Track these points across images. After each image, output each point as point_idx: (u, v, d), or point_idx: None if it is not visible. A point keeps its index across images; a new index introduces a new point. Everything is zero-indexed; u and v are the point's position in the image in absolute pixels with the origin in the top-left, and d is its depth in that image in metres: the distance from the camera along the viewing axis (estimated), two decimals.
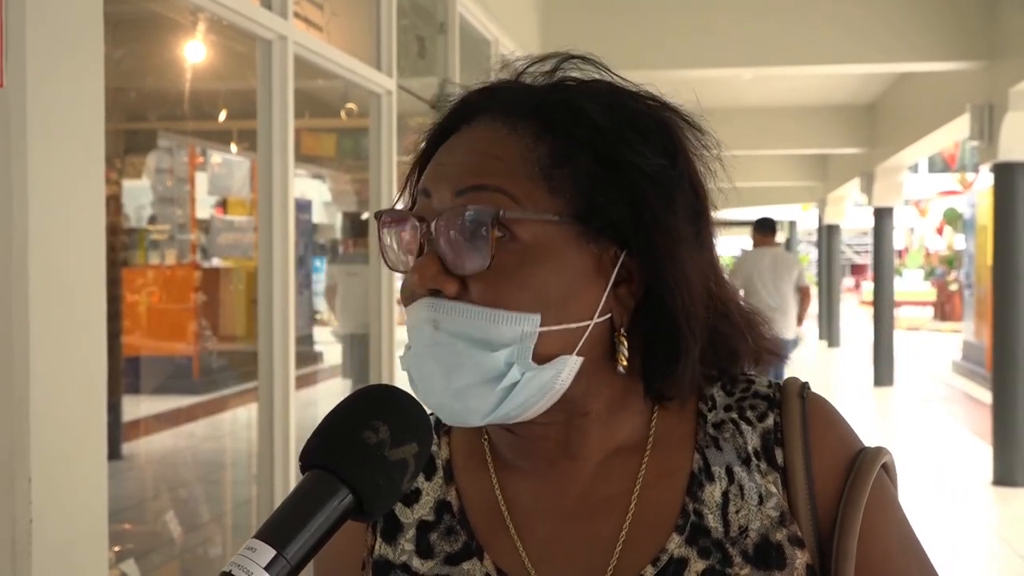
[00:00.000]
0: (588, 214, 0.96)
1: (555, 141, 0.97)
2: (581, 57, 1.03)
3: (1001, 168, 8.61)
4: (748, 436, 1.01)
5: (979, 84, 8.71)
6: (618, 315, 0.98)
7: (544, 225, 0.94)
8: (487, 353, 0.92)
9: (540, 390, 0.94)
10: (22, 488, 2.17)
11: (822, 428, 1.01)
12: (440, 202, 0.96)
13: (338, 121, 8.98)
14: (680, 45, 8.21)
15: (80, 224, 2.39)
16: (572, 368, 0.95)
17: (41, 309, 2.22)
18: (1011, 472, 8.53)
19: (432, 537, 1.04)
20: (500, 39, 7.14)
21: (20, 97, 2.17)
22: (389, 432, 0.82)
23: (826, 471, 0.99)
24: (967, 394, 14.25)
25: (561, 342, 0.94)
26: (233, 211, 12.86)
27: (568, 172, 0.96)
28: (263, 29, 3.81)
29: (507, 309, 0.93)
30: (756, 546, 0.97)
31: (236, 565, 0.74)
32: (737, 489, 0.99)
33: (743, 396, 1.03)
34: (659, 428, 1.03)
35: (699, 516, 0.98)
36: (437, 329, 0.93)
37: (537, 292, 0.93)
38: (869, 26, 8.29)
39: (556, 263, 0.95)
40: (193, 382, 10.16)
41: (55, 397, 2.28)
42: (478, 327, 0.93)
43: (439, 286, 0.94)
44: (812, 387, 1.06)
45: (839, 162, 17.87)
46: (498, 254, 0.93)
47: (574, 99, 0.99)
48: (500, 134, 0.98)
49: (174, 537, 6.37)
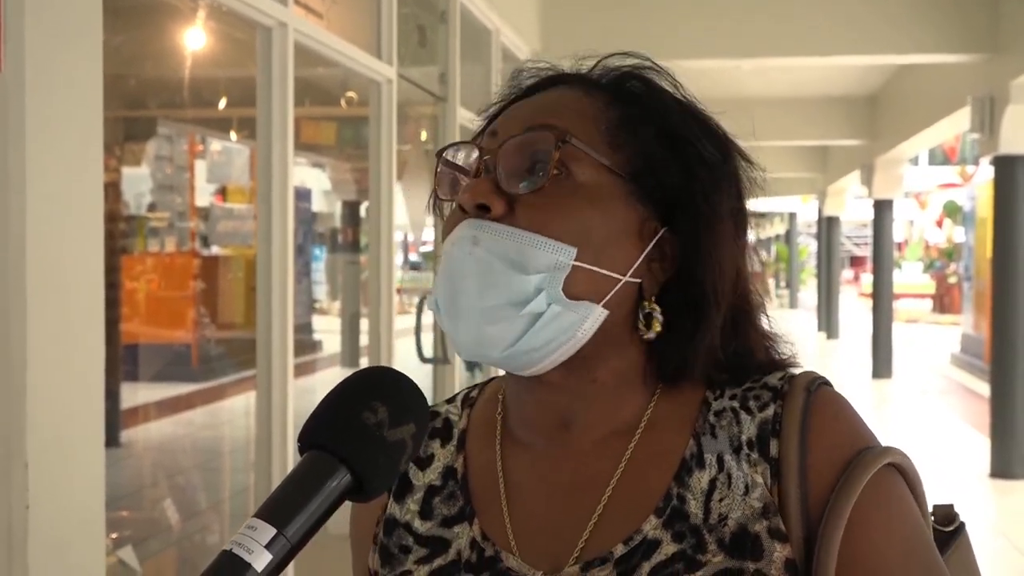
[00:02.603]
0: (643, 176, 1.01)
1: (625, 109, 1.03)
2: (658, 67, 1.09)
3: (1001, 161, 8.60)
4: (745, 425, 1.00)
5: (980, 76, 8.70)
6: (648, 284, 1.01)
7: (600, 170, 0.99)
8: (519, 275, 0.95)
9: (562, 333, 0.96)
10: (19, 474, 2.17)
11: (823, 422, 0.98)
12: (506, 136, 1.01)
13: (338, 109, 8.97)
14: (680, 36, 8.19)
15: (78, 211, 2.39)
16: (596, 319, 0.97)
17: (39, 296, 2.22)
18: (1009, 465, 8.54)
19: (435, 500, 1.08)
20: (501, 28, 7.12)
21: (18, 83, 2.17)
22: (388, 413, 0.82)
23: (821, 465, 0.97)
24: (965, 387, 14.27)
25: (591, 286, 0.97)
26: (232, 199, 12.87)
27: (631, 135, 1.02)
28: (263, 16, 3.80)
29: (547, 236, 0.96)
30: (733, 535, 0.95)
31: (236, 543, 0.75)
32: (725, 478, 0.98)
33: (751, 387, 1.02)
34: (657, 411, 1.03)
35: (681, 501, 0.98)
36: (476, 245, 0.96)
37: (579, 227, 0.97)
38: (870, 18, 8.27)
39: (603, 209, 0.99)
40: (192, 370, 10.18)
41: (52, 383, 2.28)
42: (516, 248, 0.96)
43: (488, 202, 0.98)
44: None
45: (839, 154, 17.86)
46: (551, 184, 0.98)
47: (648, 81, 1.06)
48: (576, 94, 1.05)
49: (172, 524, 6.38)
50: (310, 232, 15.67)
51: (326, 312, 17.30)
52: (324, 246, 17.92)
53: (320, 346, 13.91)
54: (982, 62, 8.54)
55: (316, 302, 17.26)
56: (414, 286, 14.74)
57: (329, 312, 17.02)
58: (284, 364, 3.92)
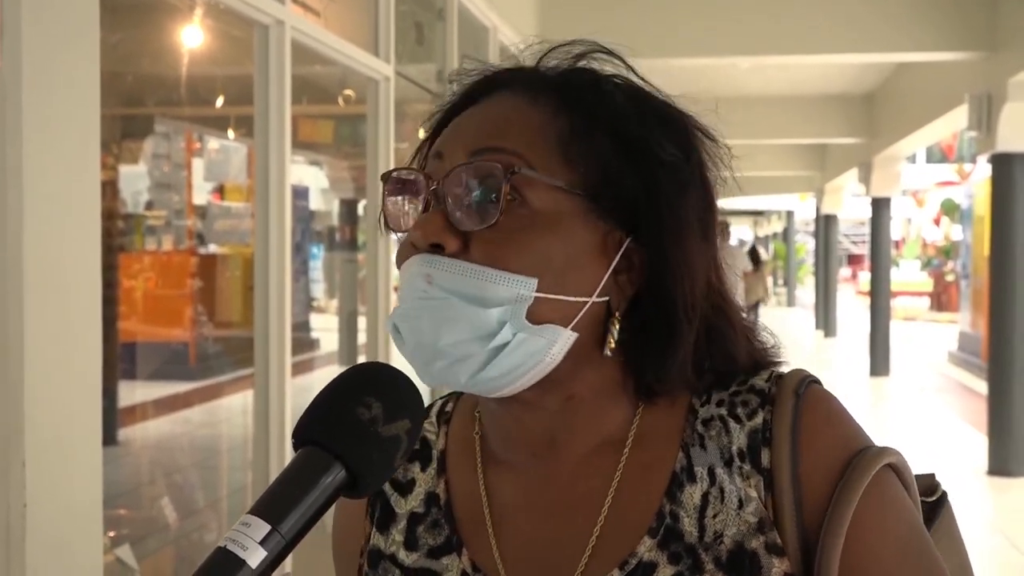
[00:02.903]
0: (600, 190, 0.95)
1: (575, 117, 0.96)
2: (608, 51, 1.02)
3: (999, 159, 8.60)
4: (735, 435, 0.96)
5: (978, 74, 8.70)
6: (615, 299, 0.96)
7: (555, 193, 0.94)
8: (479, 309, 0.91)
9: (530, 358, 0.92)
10: (16, 473, 2.17)
11: (814, 427, 0.95)
12: (452, 163, 0.95)
13: (335, 107, 8.96)
14: (678, 34, 8.19)
15: (76, 209, 2.39)
16: (565, 342, 0.93)
17: (36, 294, 2.21)
18: (1006, 462, 8.55)
19: (419, 529, 1.04)
20: (499, 26, 7.12)
21: (16, 81, 2.16)
22: (382, 408, 0.82)
23: (815, 474, 0.93)
24: (963, 384, 14.28)
25: (556, 313, 0.93)
26: (230, 197, 12.86)
27: (585, 148, 0.95)
28: (260, 14, 3.79)
29: (506, 270, 0.91)
30: (730, 552, 0.92)
31: (231, 540, 0.74)
32: (718, 492, 0.95)
33: (738, 390, 0.98)
34: (644, 423, 0.99)
35: (675, 519, 0.95)
36: (430, 283, 0.92)
37: (538, 257, 0.92)
38: (868, 16, 8.27)
39: (562, 233, 0.94)
40: (189, 368, 10.17)
41: (50, 382, 2.27)
42: (473, 284, 0.91)
43: (441, 241, 0.93)
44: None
45: (837, 152, 17.87)
46: (505, 215, 0.92)
47: (597, 80, 1.00)
48: (520, 104, 0.98)
49: (169, 523, 6.38)
50: (308, 230, 15.67)
51: (324, 310, 17.29)
52: (322, 244, 17.92)
53: (318, 344, 13.90)
54: (980, 60, 8.54)
55: (314, 300, 17.26)
56: None
57: (327, 310, 17.01)
58: (282, 362, 3.92)
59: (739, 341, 1.01)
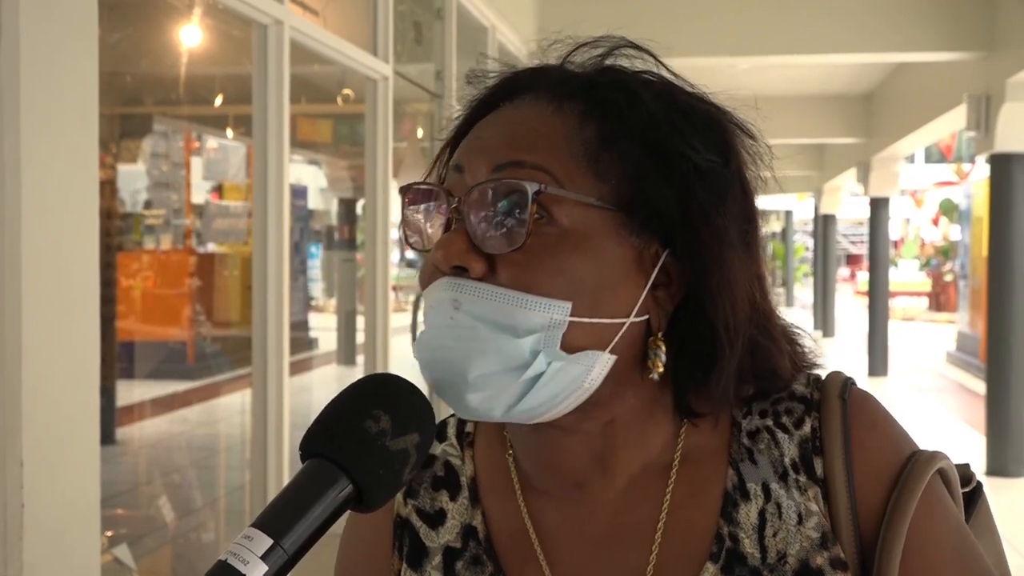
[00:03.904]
0: (633, 204, 0.89)
1: (603, 123, 0.90)
2: (635, 45, 0.97)
3: (997, 159, 8.60)
4: (785, 446, 0.92)
5: (976, 75, 8.70)
6: (655, 318, 0.91)
7: (586, 209, 0.87)
8: (511, 339, 0.85)
9: (567, 387, 0.87)
10: (13, 472, 2.17)
11: (864, 432, 0.92)
12: (474, 178, 0.89)
13: (334, 107, 8.97)
14: (676, 33, 8.19)
15: (74, 208, 2.38)
16: (604, 367, 0.88)
17: (34, 293, 2.21)
18: (1004, 462, 8.54)
19: (458, 566, 0.98)
20: (497, 26, 7.12)
21: (14, 80, 2.16)
22: (390, 421, 0.80)
23: (870, 481, 0.90)
24: (961, 384, 14.28)
25: (593, 337, 0.87)
26: (228, 196, 12.86)
27: (615, 157, 0.89)
28: (259, 14, 3.79)
29: (537, 295, 0.85)
30: (796, 573, 0.89)
31: (232, 554, 0.73)
32: (774, 508, 0.91)
33: (779, 398, 0.94)
34: (689, 442, 0.95)
35: (735, 541, 0.91)
36: (458, 310, 0.86)
37: (571, 280, 0.86)
38: (866, 16, 8.27)
39: (595, 252, 0.87)
40: (187, 367, 10.17)
41: (48, 381, 2.27)
42: (503, 311, 0.85)
43: (465, 264, 0.87)
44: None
45: (835, 152, 17.87)
46: (533, 236, 0.86)
47: (626, 82, 0.93)
48: (545, 111, 0.91)
49: (167, 522, 6.37)
50: (306, 229, 15.67)
51: (322, 310, 17.31)
52: (320, 243, 17.93)
53: (316, 344, 13.91)
54: (978, 60, 8.54)
55: (312, 300, 17.27)
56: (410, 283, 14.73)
57: (325, 310, 17.03)
58: (280, 362, 3.92)
59: (783, 356, 0.96)
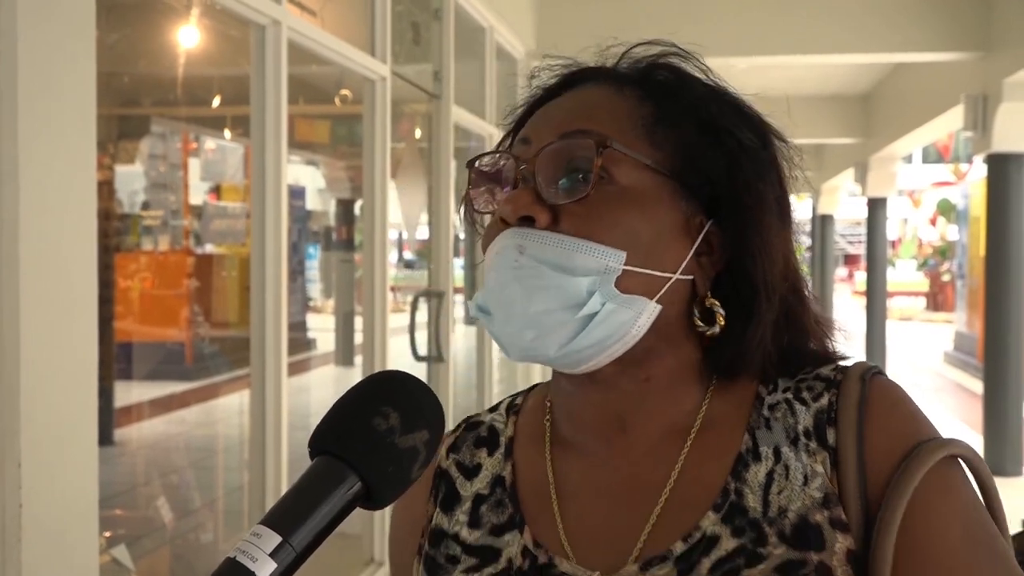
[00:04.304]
0: (685, 172, 0.99)
1: (660, 104, 1.01)
2: (684, 53, 1.07)
3: (994, 159, 8.62)
4: (800, 416, 0.98)
5: (973, 75, 8.71)
6: (700, 280, 1.00)
7: (643, 171, 0.98)
8: (570, 278, 0.94)
9: (616, 331, 0.95)
10: (12, 473, 2.17)
11: (880, 410, 0.97)
12: (541, 145, 0.99)
13: (332, 107, 8.97)
14: (673, 34, 8.01)
15: (72, 209, 2.38)
16: (651, 314, 0.96)
17: (32, 294, 2.21)
18: (1002, 462, 8.55)
19: (483, 508, 1.07)
20: (495, 26, 7.12)
21: (11, 81, 2.16)
22: (399, 419, 0.80)
23: (879, 455, 0.95)
24: (959, 384, 14.30)
25: (642, 287, 0.96)
26: (226, 197, 12.86)
27: (670, 132, 1.00)
28: (257, 14, 3.79)
29: (595, 242, 0.95)
30: (794, 526, 0.94)
31: (241, 551, 0.73)
32: (783, 469, 0.96)
33: (803, 378, 1.01)
34: (711, 411, 1.02)
35: (739, 495, 0.96)
36: (522, 254, 0.95)
37: (627, 232, 0.96)
38: (864, 16, 8.28)
39: (649, 211, 0.97)
40: (185, 368, 10.17)
41: (46, 382, 2.27)
42: (564, 255, 0.94)
43: (531, 213, 0.96)
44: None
45: (833, 152, 17.87)
46: (595, 191, 0.96)
47: (678, 71, 1.05)
48: (606, 92, 1.03)
49: (165, 523, 6.37)
50: (304, 230, 15.67)
51: (320, 310, 17.31)
52: (318, 244, 17.93)
53: (314, 344, 13.91)
54: (975, 60, 8.55)
55: (310, 300, 17.27)
56: (408, 284, 14.75)
57: (323, 310, 17.03)
58: (278, 362, 3.92)
59: (813, 326, 1.05)
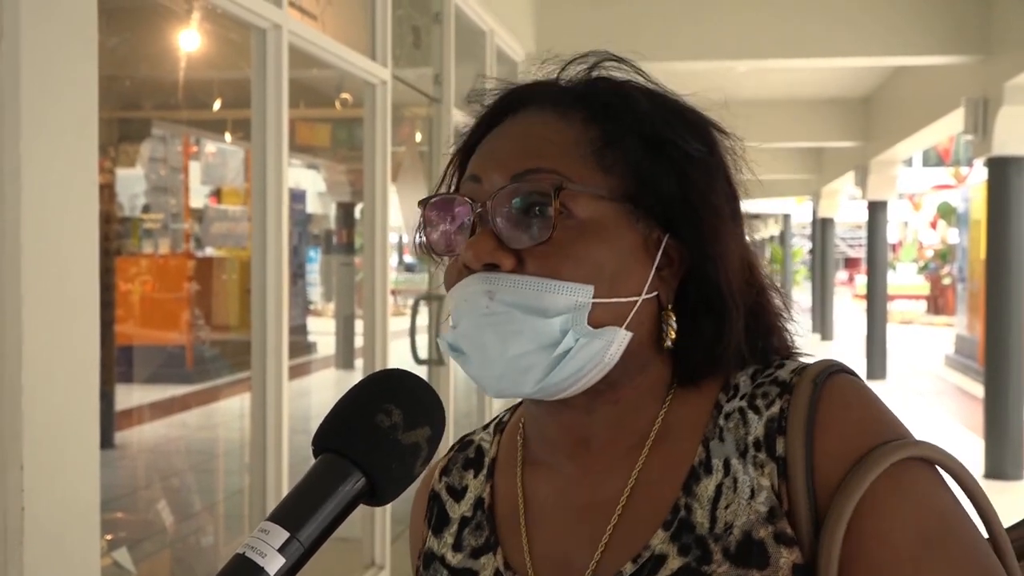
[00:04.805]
0: (638, 193, 1.00)
1: (604, 125, 1.01)
2: (618, 58, 1.07)
3: (995, 162, 8.62)
4: (752, 426, 0.96)
5: (974, 78, 8.71)
6: (663, 294, 1.01)
7: (598, 202, 0.98)
8: (543, 319, 0.95)
9: (590, 360, 0.96)
10: (14, 476, 2.17)
11: (831, 413, 0.94)
12: (492, 186, 0.99)
13: (333, 111, 8.98)
14: (674, 37, 8.20)
15: (73, 212, 2.39)
16: (622, 342, 0.98)
17: (34, 297, 2.22)
18: (1002, 465, 8.55)
19: (465, 532, 1.09)
20: (495, 30, 7.13)
21: (14, 84, 2.17)
22: (402, 416, 0.82)
23: (829, 460, 0.92)
24: (959, 388, 14.29)
25: (612, 315, 0.97)
26: (227, 201, 12.87)
27: (618, 154, 1.00)
28: (258, 18, 3.80)
29: (563, 280, 0.96)
30: (738, 543, 0.92)
31: (249, 547, 0.75)
32: (731, 482, 0.95)
33: (762, 382, 0.99)
34: (669, 418, 1.02)
35: (688, 511, 0.96)
36: (492, 299, 0.96)
37: (592, 265, 0.97)
38: (864, 19, 8.28)
39: (609, 239, 0.98)
40: (186, 371, 10.16)
41: (47, 385, 2.28)
42: (534, 296, 0.96)
43: (496, 260, 0.97)
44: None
45: (833, 155, 17.88)
46: (556, 229, 0.97)
47: (619, 87, 1.04)
48: (550, 119, 1.02)
49: (166, 526, 6.38)
50: (305, 234, 15.68)
51: (321, 314, 17.31)
52: (319, 248, 17.93)
53: (315, 348, 13.91)
54: (975, 64, 8.56)
55: (311, 304, 17.27)
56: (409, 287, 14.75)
57: (324, 314, 17.03)
58: (279, 366, 3.92)
59: (774, 319, 1.07)
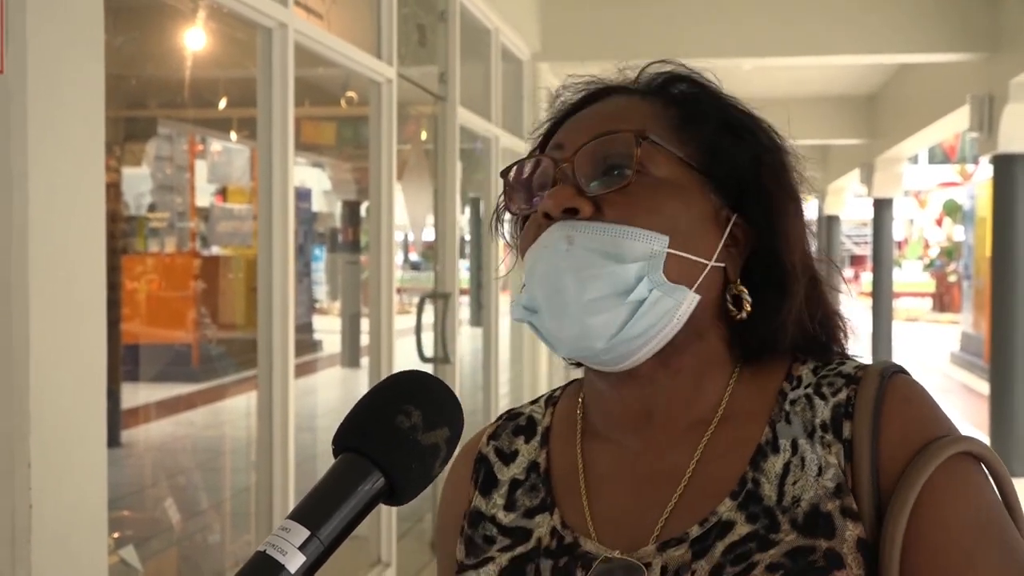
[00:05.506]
0: (713, 165, 1.06)
1: (683, 108, 1.09)
2: (689, 79, 1.13)
3: (1001, 159, 8.61)
4: (819, 409, 1.02)
5: (979, 75, 8.70)
6: (731, 267, 1.06)
7: (675, 164, 1.04)
8: (620, 265, 0.99)
9: (661, 318, 1.00)
10: (22, 474, 2.18)
11: (895, 406, 1.00)
12: (574, 146, 1.06)
13: (338, 109, 8.98)
14: (679, 35, 8.19)
15: (80, 211, 2.40)
16: (691, 303, 1.01)
17: (41, 296, 2.22)
18: (1008, 463, 8.48)
19: (518, 492, 1.12)
20: (501, 28, 7.13)
21: (20, 83, 2.17)
22: (421, 416, 0.83)
23: (892, 448, 0.98)
24: (965, 385, 14.28)
25: (684, 273, 1.01)
26: (233, 199, 12.87)
27: (695, 132, 1.07)
28: (263, 17, 3.80)
29: (639, 227, 1.00)
30: (806, 515, 0.97)
31: (271, 544, 0.76)
32: (799, 461, 1.00)
33: (826, 375, 1.05)
34: (734, 400, 1.07)
35: (756, 484, 1.00)
36: (571, 244, 1.00)
37: (667, 218, 1.01)
38: (870, 17, 8.28)
39: (684, 200, 1.03)
40: (192, 370, 10.16)
41: (55, 384, 2.28)
42: (612, 242, 1.00)
43: (575, 205, 1.02)
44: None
45: (839, 153, 17.85)
46: (633, 183, 1.02)
47: (696, 80, 1.13)
48: (633, 99, 1.10)
49: (173, 524, 6.38)
50: (310, 232, 15.68)
51: (326, 312, 17.31)
52: (324, 246, 17.93)
53: (321, 346, 13.91)
54: (981, 61, 8.55)
55: (316, 302, 17.26)
56: (414, 286, 14.76)
57: (329, 312, 17.03)
58: (285, 364, 3.93)
59: (829, 314, 1.12)
